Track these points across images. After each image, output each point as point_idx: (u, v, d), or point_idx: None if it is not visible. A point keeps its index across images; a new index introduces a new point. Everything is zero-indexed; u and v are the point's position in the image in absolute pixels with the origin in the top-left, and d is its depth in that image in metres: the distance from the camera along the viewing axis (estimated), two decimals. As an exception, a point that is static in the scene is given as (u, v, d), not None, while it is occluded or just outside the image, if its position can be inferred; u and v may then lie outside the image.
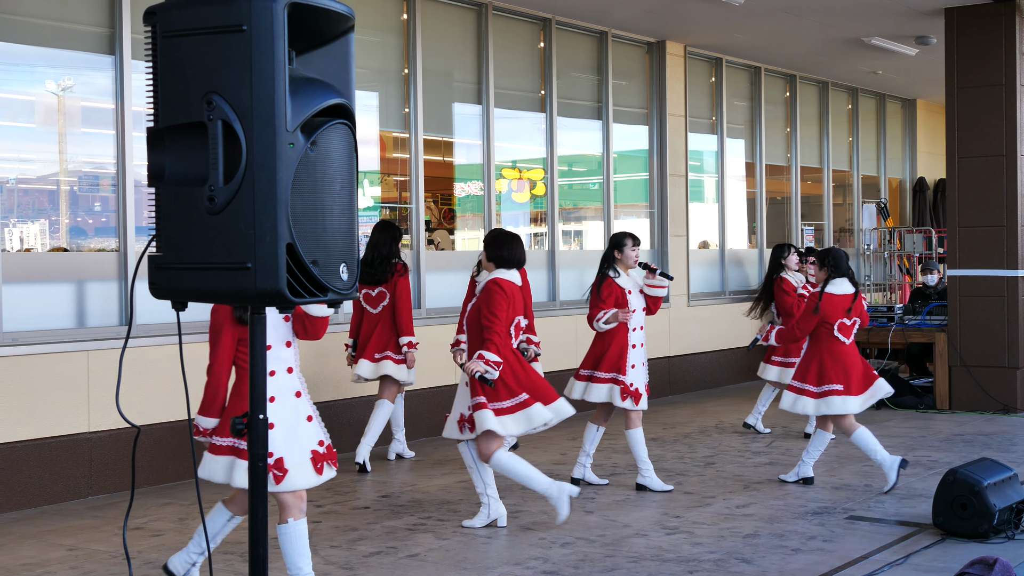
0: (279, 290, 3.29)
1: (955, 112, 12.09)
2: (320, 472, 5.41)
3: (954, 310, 12.00)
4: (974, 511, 6.67)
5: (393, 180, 11.00)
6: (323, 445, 5.46)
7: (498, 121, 11.55)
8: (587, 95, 12.77)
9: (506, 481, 8.19)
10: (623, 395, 7.99)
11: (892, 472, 7.93)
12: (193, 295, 3.42)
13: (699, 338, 14.06)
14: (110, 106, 8.43)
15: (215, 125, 3.27)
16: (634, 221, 13.58)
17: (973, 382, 11.83)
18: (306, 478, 5.37)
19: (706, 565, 6.27)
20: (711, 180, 14.81)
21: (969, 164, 12.03)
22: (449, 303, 10.81)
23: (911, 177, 19.37)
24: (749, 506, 7.70)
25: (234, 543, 6.73)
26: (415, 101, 10.66)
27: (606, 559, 6.41)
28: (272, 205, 3.25)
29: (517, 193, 12.23)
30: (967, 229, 12.02)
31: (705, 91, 14.54)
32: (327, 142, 3.41)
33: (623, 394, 7.99)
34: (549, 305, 11.95)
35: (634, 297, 8.15)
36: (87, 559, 6.49)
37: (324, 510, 7.65)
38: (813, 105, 16.78)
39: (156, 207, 3.41)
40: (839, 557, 6.44)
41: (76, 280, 8.36)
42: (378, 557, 6.49)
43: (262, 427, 3.54)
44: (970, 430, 10.68)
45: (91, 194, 8.64)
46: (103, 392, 8.15)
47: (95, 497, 8.12)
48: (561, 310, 11.95)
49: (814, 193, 17.03)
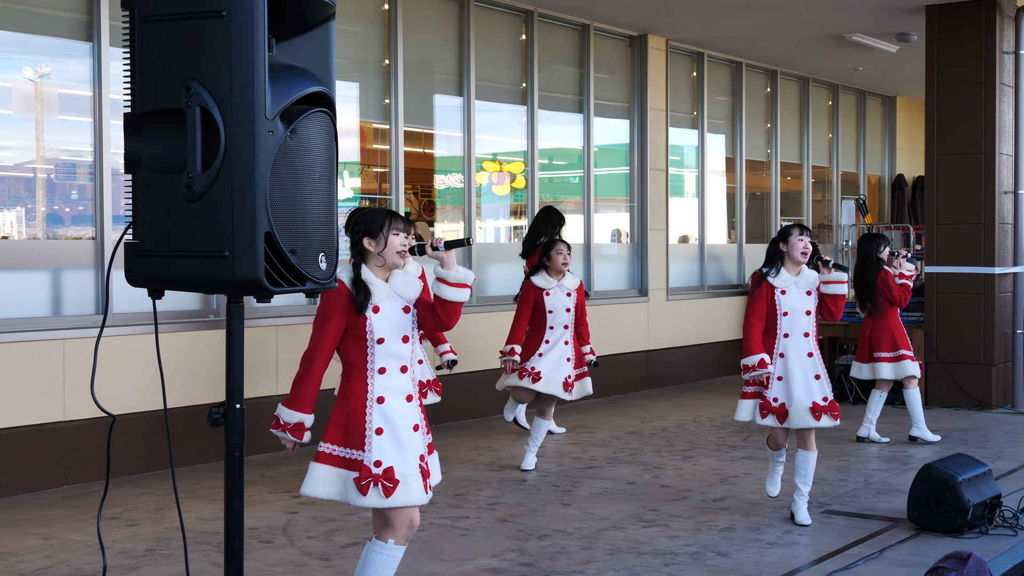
0: (257, 279, 3.27)
1: (935, 109, 12.13)
2: (427, 490, 4.68)
3: (931, 307, 12.05)
4: (949, 506, 6.70)
5: (373, 171, 10.97)
6: (424, 460, 4.72)
7: (479, 113, 11.53)
8: (568, 88, 12.76)
9: (482, 473, 8.18)
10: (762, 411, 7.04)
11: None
12: (170, 283, 3.41)
13: (678, 333, 14.08)
14: (88, 93, 8.39)
15: (193, 111, 3.25)
16: (614, 215, 13.58)
17: (949, 378, 11.88)
18: (418, 493, 4.62)
19: (682, 558, 6.28)
20: (691, 175, 14.82)
21: (948, 161, 12.07)
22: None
23: (890, 174, 19.43)
24: (726, 500, 7.71)
25: (211, 533, 6.71)
26: (396, 92, 10.63)
27: (583, 551, 6.41)
28: (251, 193, 3.24)
29: (497, 186, 12.21)
30: (945, 226, 12.07)
31: (687, 86, 14.55)
32: (307, 130, 3.40)
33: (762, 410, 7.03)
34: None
35: (793, 297, 6.99)
36: (61, 548, 6.45)
37: (301, 501, 7.63)
38: (794, 101, 16.82)
39: (133, 194, 3.39)
40: (814, 551, 6.46)
41: (52, 268, 8.31)
42: (355, 548, 6.47)
43: (239, 416, 3.52)
44: (946, 426, 10.73)
45: (68, 182, 8.58)
46: (79, 381, 8.10)
47: (70, 486, 8.08)
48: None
49: (793, 189, 17.07)
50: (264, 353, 9.30)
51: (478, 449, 9.60)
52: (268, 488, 8.04)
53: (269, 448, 9.27)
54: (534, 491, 7.97)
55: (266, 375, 9.31)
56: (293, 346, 9.49)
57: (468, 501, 7.66)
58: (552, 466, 8.83)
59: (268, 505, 7.53)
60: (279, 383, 9.38)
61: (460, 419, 10.96)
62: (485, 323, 11.20)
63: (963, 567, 5.29)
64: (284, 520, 7.13)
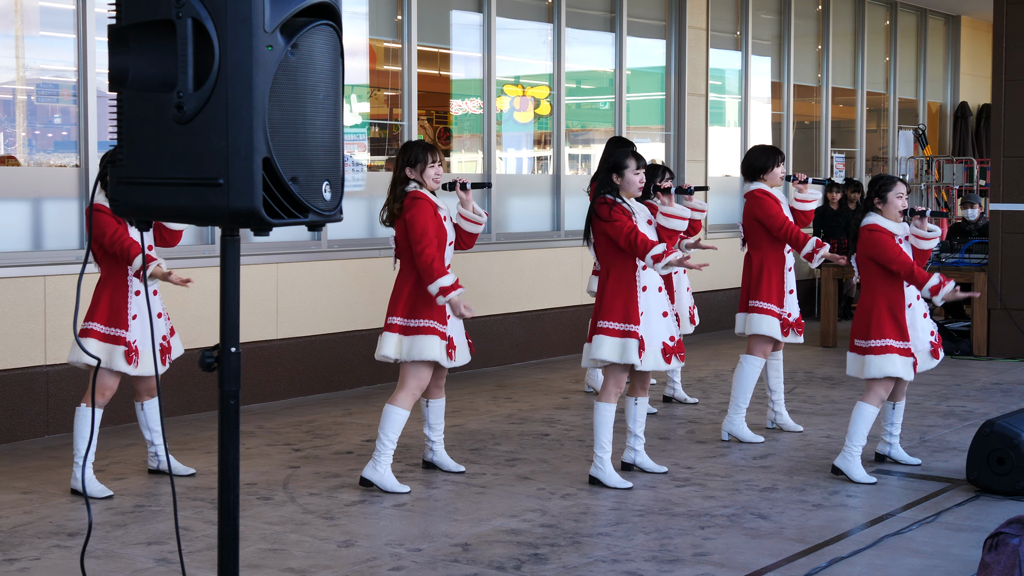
0: (254, 209, 3.25)
1: (1003, 30, 11.97)
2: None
3: (996, 248, 11.96)
4: (1012, 466, 6.67)
5: (383, 95, 10.91)
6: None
7: (500, 32, 11.43)
8: (599, 4, 12.63)
9: (500, 426, 8.21)
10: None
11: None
12: (158, 213, 3.39)
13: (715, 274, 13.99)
14: (71, 7, 8.33)
15: (184, 23, 3.21)
16: (648, 145, 13.50)
17: (1014, 327, 11.81)
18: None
19: (719, 520, 6.28)
20: (733, 101, 14.70)
21: (1017, 88, 11.93)
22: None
23: (953, 102, 19.24)
24: (767, 457, 7.70)
25: (204, 488, 6.74)
26: (408, 7, 10.54)
27: (610, 512, 6.42)
28: (248, 115, 3.21)
29: (520, 112, 12.14)
30: (1013, 159, 11.95)
31: (729, 2, 14.39)
32: (310, 45, 3.35)
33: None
34: (552, 236, 11.89)
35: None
36: (42, 503, 6.49)
37: (303, 454, 7.66)
38: (847, 20, 16.63)
39: (118, 115, 3.37)
40: (864, 514, 6.45)
41: (32, 198, 8.30)
42: (361, 506, 6.50)
43: (234, 361, 3.51)
44: (1009, 379, 10.69)
45: (50, 104, 8.56)
46: (62, 321, 8.12)
47: (52, 436, 8.13)
48: (566, 240, 11.90)
49: (846, 118, 16.93)
50: (263, 293, 9.30)
51: (496, 400, 9.62)
52: (267, 440, 8.07)
53: (268, 397, 9.30)
54: (557, 446, 7.98)
55: (265, 317, 9.31)
56: (294, 286, 9.49)
57: (485, 456, 7.68)
58: (577, 419, 8.83)
59: (267, 459, 7.56)
60: (280, 326, 9.39)
61: (477, 367, 10.96)
62: (505, 262, 11.18)
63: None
64: (284, 475, 7.16)
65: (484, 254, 10.83)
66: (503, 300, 11.13)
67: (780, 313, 8.02)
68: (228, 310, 3.51)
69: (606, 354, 6.78)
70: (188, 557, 5.57)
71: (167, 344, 6.82)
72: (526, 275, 11.46)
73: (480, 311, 10.78)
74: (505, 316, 11.20)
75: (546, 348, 11.68)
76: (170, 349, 6.83)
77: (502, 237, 11.30)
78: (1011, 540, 5.28)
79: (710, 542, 5.93)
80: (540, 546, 5.83)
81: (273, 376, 9.38)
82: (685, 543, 5.90)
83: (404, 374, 6.76)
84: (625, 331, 6.75)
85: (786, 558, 5.71)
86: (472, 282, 10.61)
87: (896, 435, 7.57)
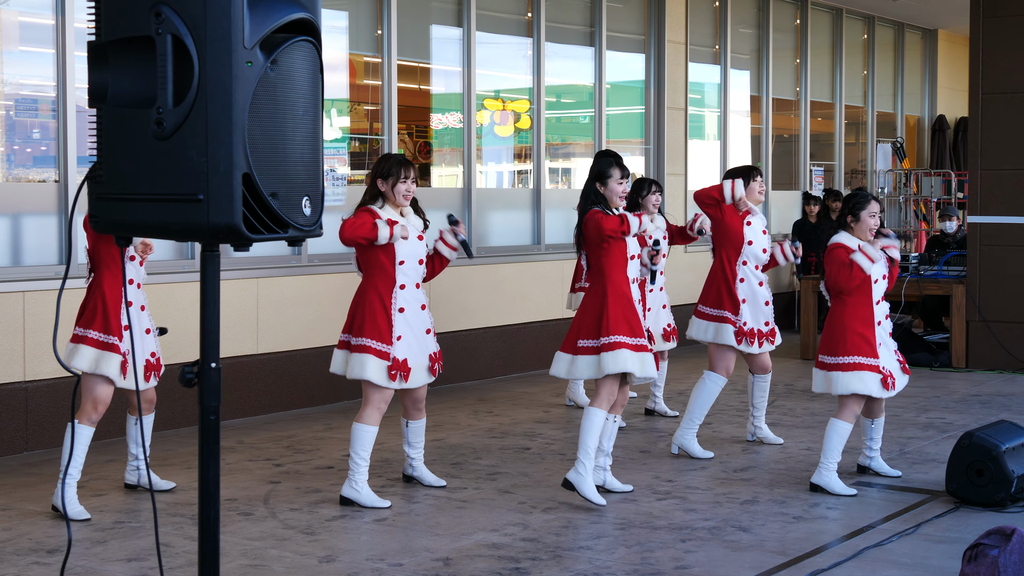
0: (234, 225, 3.25)
1: (980, 43, 12.04)
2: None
3: (974, 260, 12.02)
4: (991, 477, 6.70)
5: (363, 109, 10.92)
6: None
7: (480, 46, 11.45)
8: (578, 19, 12.67)
9: (481, 440, 8.20)
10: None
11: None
12: (138, 229, 3.39)
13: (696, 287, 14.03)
14: (50, 22, 8.32)
15: (164, 40, 3.21)
16: (628, 159, 13.47)
17: (992, 338, 11.87)
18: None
19: (700, 533, 6.29)
20: (713, 115, 14.75)
21: (994, 101, 11.99)
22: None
23: (930, 115, 19.34)
24: (748, 470, 7.72)
25: (184, 504, 6.72)
26: (388, 21, 10.55)
27: (591, 526, 6.43)
28: (227, 130, 3.21)
29: (500, 126, 12.16)
30: (990, 172, 12.01)
31: (708, 17, 14.45)
32: (289, 61, 3.36)
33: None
34: (533, 249, 11.91)
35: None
36: (21, 520, 6.47)
37: (284, 469, 7.65)
38: (825, 34, 16.71)
39: (98, 130, 3.36)
40: (844, 526, 6.47)
41: (11, 214, 8.28)
42: (341, 521, 6.49)
43: (214, 376, 3.51)
44: (988, 391, 10.73)
45: (29, 119, 8.54)
46: (41, 337, 8.09)
47: (31, 453, 8.09)
48: (547, 255, 11.92)
49: (824, 131, 17.00)
50: (243, 308, 9.29)
51: (477, 414, 9.61)
52: (247, 455, 8.05)
53: (248, 412, 9.29)
54: (538, 460, 7.98)
55: (245, 332, 9.30)
56: (274, 301, 9.48)
57: (466, 471, 7.68)
58: (558, 433, 8.84)
59: (248, 474, 7.55)
60: (260, 341, 9.37)
61: (457, 381, 10.96)
62: (485, 276, 11.19)
63: (1006, 544, 5.29)
64: (265, 490, 7.15)
65: (464, 268, 10.84)
66: (484, 314, 11.13)
67: (735, 320, 8.05)
68: (208, 325, 3.51)
69: (630, 367, 6.71)
70: (168, 573, 5.55)
71: (155, 361, 6.75)
72: (507, 289, 11.47)
73: (461, 324, 10.79)
74: (486, 330, 11.20)
75: (527, 362, 11.69)
76: (159, 367, 6.77)
77: (483, 251, 11.31)
78: (990, 551, 5.31)
79: (691, 555, 5.93)
80: (521, 560, 5.83)
81: (253, 391, 9.36)
82: (666, 556, 5.91)
83: (364, 390, 6.77)
84: (638, 344, 6.73)
85: (767, 571, 5.72)
86: (452, 295, 10.62)
87: (876, 448, 7.60)
